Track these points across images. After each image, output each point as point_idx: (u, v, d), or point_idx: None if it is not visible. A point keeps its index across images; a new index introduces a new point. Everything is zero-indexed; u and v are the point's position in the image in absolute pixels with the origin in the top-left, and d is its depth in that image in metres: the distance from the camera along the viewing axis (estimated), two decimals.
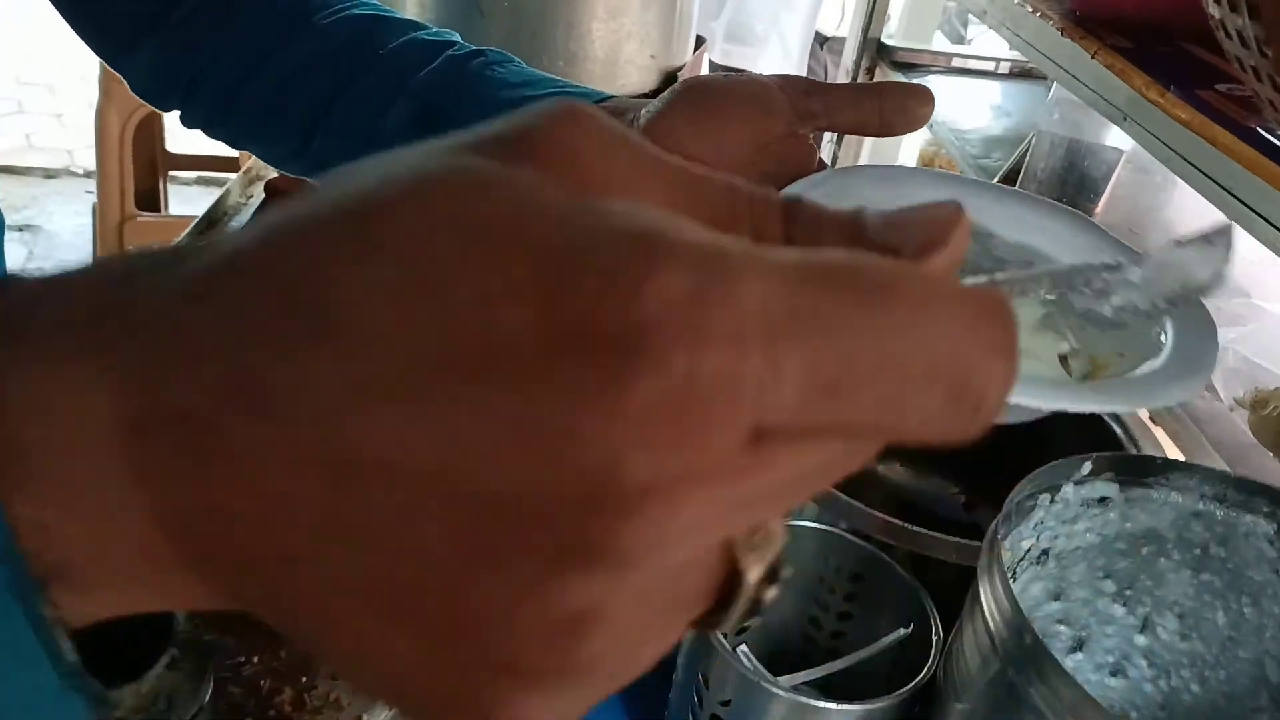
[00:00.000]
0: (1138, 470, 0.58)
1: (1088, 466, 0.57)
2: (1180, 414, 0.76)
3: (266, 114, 0.57)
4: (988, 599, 0.50)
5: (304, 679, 0.58)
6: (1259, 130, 0.57)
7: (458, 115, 0.51)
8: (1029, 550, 0.58)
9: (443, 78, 0.52)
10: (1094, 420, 0.84)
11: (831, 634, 0.64)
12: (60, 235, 3.10)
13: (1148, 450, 0.81)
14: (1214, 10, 0.48)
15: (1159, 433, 0.81)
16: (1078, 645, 0.63)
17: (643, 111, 0.46)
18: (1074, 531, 0.59)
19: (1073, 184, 1.00)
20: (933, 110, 0.43)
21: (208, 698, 0.48)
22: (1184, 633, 0.61)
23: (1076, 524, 0.59)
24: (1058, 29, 0.78)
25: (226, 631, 0.60)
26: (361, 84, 0.54)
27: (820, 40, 2.41)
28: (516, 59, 0.54)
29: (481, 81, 0.52)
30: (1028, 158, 1.01)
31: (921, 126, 0.44)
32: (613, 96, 0.50)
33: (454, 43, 0.55)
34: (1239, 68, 0.51)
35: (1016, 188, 0.43)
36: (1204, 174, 0.64)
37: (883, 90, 0.43)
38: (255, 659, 0.59)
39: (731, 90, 0.44)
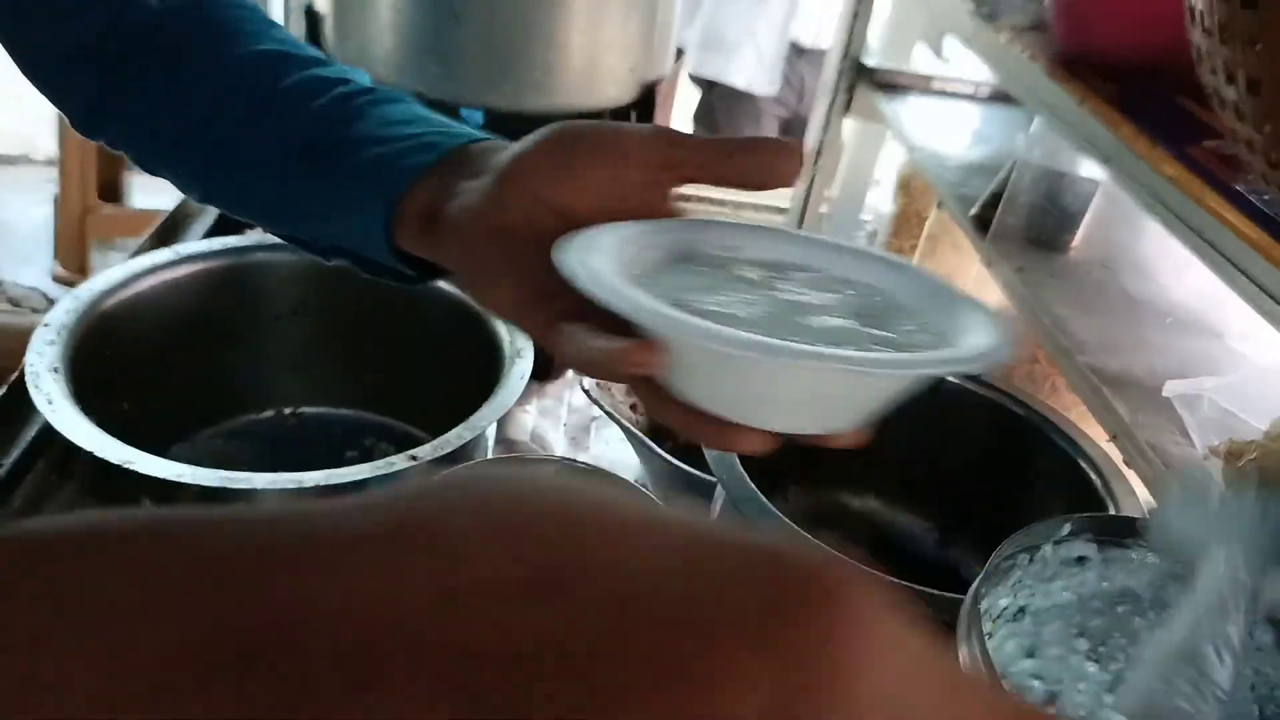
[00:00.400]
0: (1116, 531, 0.58)
1: (1068, 527, 0.56)
2: (1154, 459, 0.76)
3: (174, 146, 0.57)
4: (965, 663, 0.49)
5: None
6: (1244, 193, 0.57)
7: (335, 152, 0.51)
8: (1006, 608, 0.58)
9: (324, 114, 0.52)
10: (1068, 464, 0.84)
11: None
12: (19, 226, 3.03)
13: (1120, 493, 0.81)
14: (1209, 80, 0.48)
15: (1132, 475, 0.81)
16: (1049, 701, 0.63)
17: (505, 152, 0.46)
18: (1051, 590, 0.59)
19: (1054, 216, 1.00)
20: (800, 167, 0.43)
21: None
22: None
23: (1054, 583, 0.58)
24: (1044, 70, 0.78)
25: None
26: (261, 119, 0.54)
27: (798, 51, 2.40)
28: (408, 98, 0.54)
29: (361, 118, 0.52)
30: (1008, 188, 1.00)
31: (787, 184, 0.45)
32: (488, 138, 0.50)
33: (348, 80, 0.54)
34: (1233, 137, 0.50)
35: (911, 261, 0.46)
36: (1189, 227, 0.64)
37: (752, 146, 0.43)
38: None
39: (594, 136, 0.44)
